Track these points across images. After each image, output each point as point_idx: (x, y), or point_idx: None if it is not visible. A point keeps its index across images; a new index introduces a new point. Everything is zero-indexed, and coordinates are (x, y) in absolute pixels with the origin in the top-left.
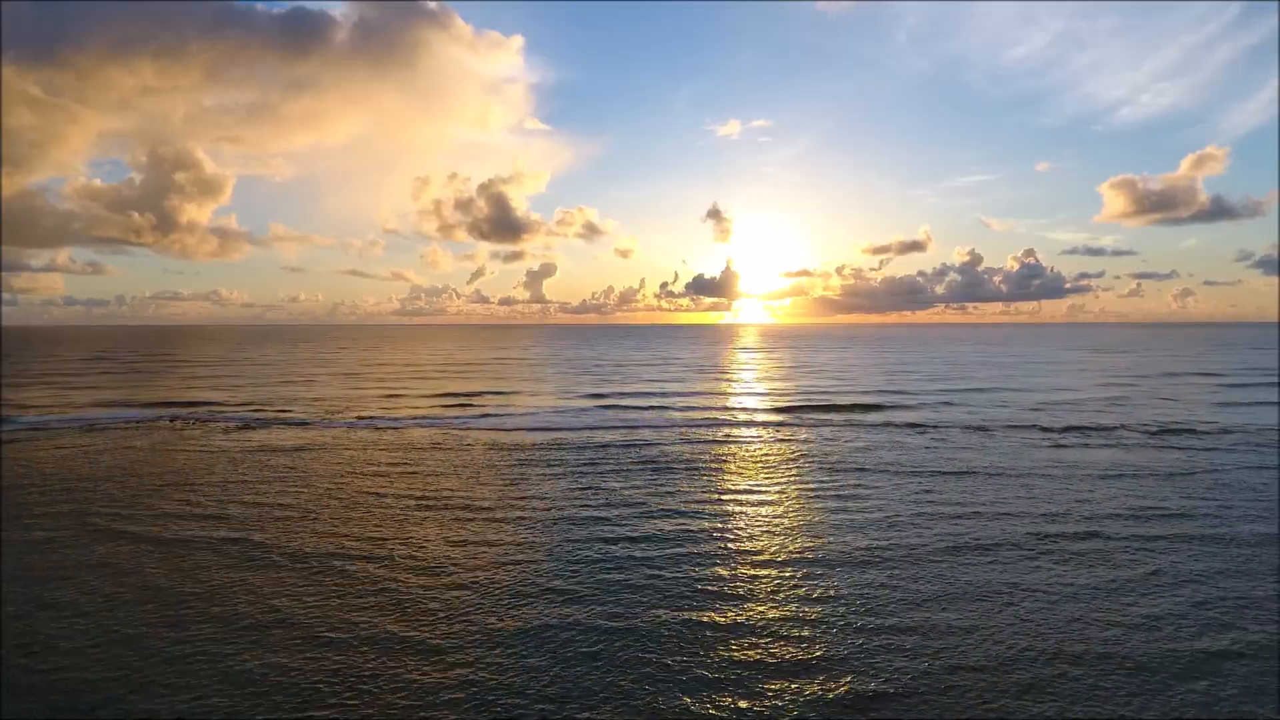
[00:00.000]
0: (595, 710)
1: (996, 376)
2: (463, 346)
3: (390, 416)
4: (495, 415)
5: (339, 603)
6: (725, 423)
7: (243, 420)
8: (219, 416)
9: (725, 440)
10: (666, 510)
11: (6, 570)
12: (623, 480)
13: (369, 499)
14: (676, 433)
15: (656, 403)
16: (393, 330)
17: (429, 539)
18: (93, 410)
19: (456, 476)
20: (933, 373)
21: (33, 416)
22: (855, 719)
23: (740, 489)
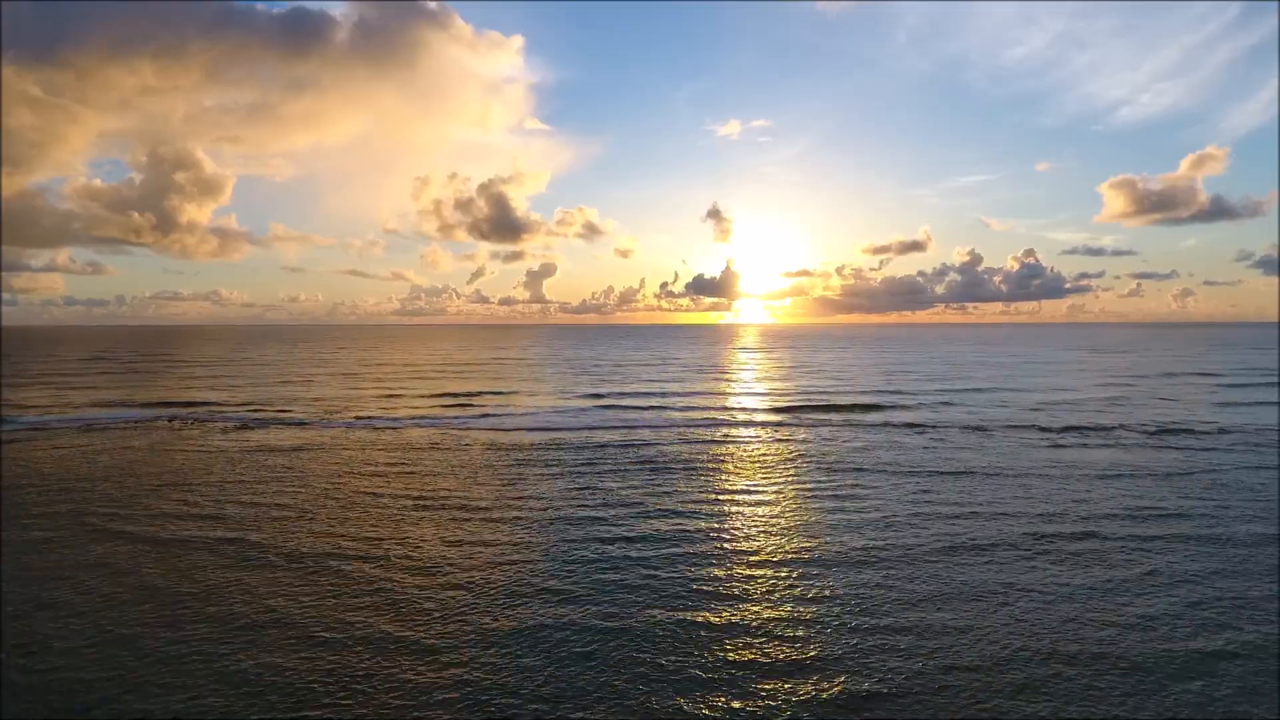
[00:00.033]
0: (589, 710)
1: (996, 376)
2: (462, 346)
3: (389, 416)
4: (494, 415)
5: (334, 603)
6: (723, 423)
7: (241, 420)
8: (217, 417)
9: (723, 440)
10: (663, 510)
11: (5, 570)
12: (620, 480)
13: (366, 499)
14: (675, 433)
15: (655, 403)
16: (392, 330)
17: (425, 539)
18: (91, 410)
19: (454, 476)
20: (932, 373)
21: (32, 417)
22: (849, 719)
23: (737, 489)
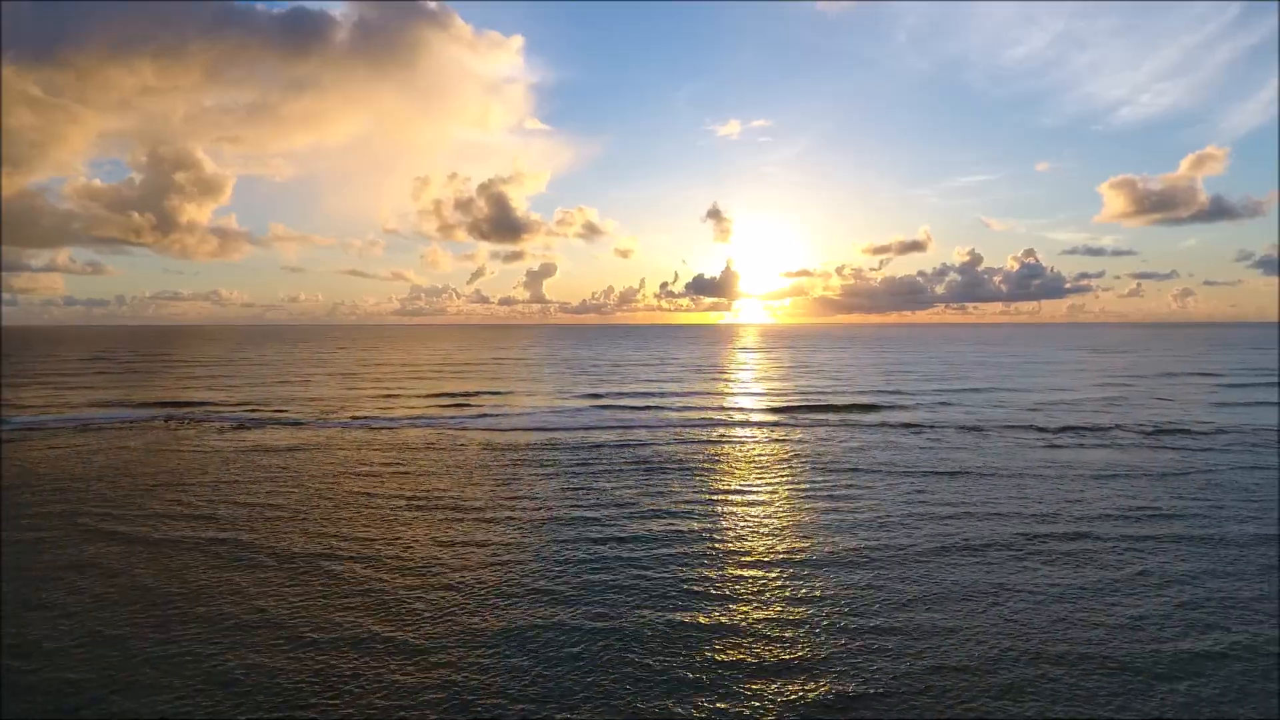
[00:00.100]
0: (574, 711)
1: (994, 377)
2: (461, 346)
3: (386, 416)
4: (491, 415)
5: (324, 603)
6: (720, 423)
7: (237, 420)
8: (214, 417)
9: (719, 440)
10: (656, 511)
11: (2, 570)
12: (614, 480)
13: (359, 499)
14: (671, 433)
15: (653, 403)
16: (392, 330)
17: (417, 539)
18: (88, 410)
19: (449, 477)
20: (930, 373)
21: (28, 416)
22: (834, 719)
23: (732, 489)
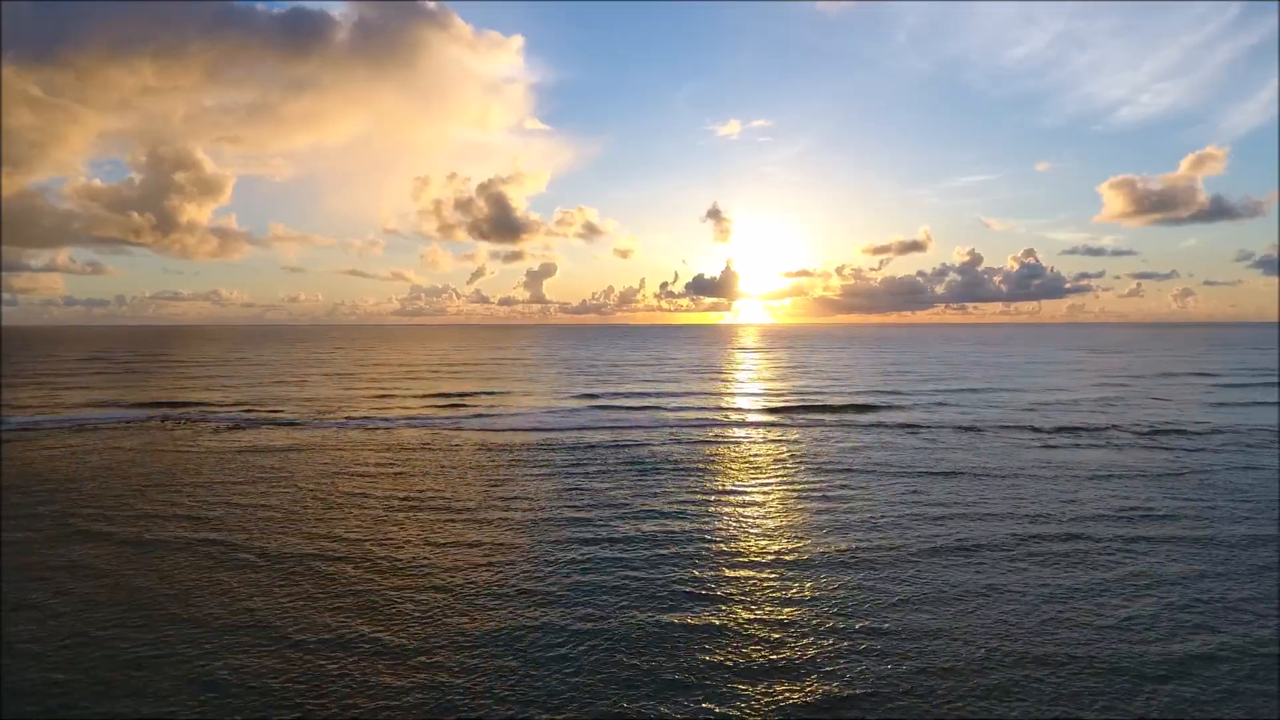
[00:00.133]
0: (557, 712)
1: (992, 377)
2: (460, 347)
3: (381, 417)
4: (486, 416)
5: (312, 604)
6: (716, 423)
7: (233, 421)
8: (210, 417)
9: (715, 441)
10: (649, 511)
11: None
12: (608, 481)
13: (352, 500)
14: (667, 433)
15: (649, 403)
16: (392, 330)
17: (408, 540)
18: (85, 410)
19: (442, 477)
20: (929, 373)
21: (23, 417)
22: (819, 719)
23: (725, 490)
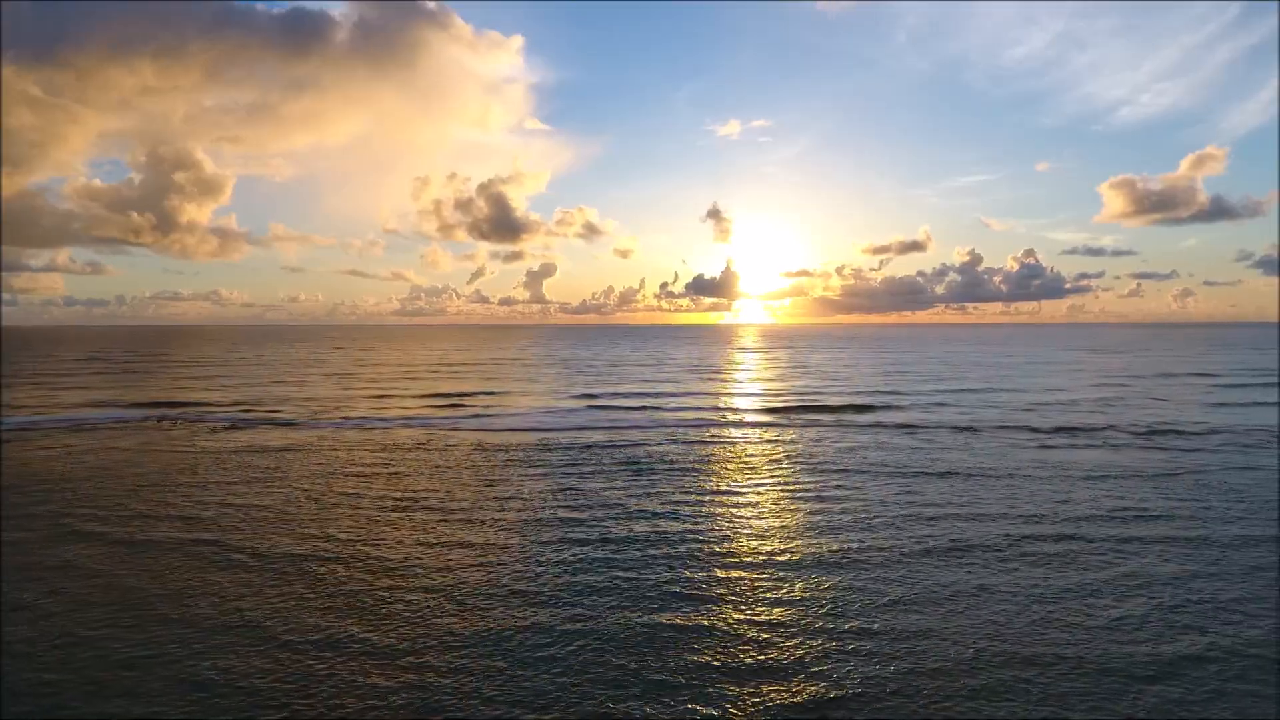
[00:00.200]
0: (544, 712)
1: (991, 377)
2: (459, 347)
3: (379, 417)
4: (484, 416)
5: (303, 605)
6: (714, 423)
7: (230, 421)
8: (207, 417)
9: (712, 441)
10: (643, 512)
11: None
12: (603, 481)
13: (346, 500)
14: (664, 433)
15: (648, 403)
16: (392, 330)
17: (401, 541)
18: (82, 410)
19: (437, 477)
20: (928, 373)
21: (21, 417)
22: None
23: (720, 490)
